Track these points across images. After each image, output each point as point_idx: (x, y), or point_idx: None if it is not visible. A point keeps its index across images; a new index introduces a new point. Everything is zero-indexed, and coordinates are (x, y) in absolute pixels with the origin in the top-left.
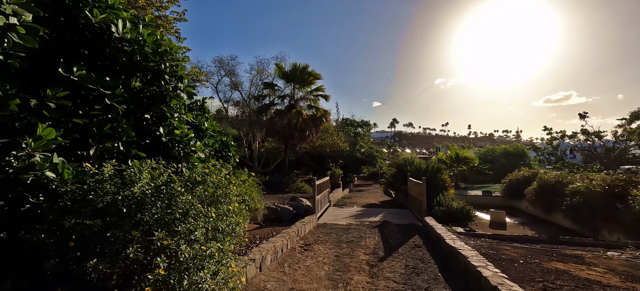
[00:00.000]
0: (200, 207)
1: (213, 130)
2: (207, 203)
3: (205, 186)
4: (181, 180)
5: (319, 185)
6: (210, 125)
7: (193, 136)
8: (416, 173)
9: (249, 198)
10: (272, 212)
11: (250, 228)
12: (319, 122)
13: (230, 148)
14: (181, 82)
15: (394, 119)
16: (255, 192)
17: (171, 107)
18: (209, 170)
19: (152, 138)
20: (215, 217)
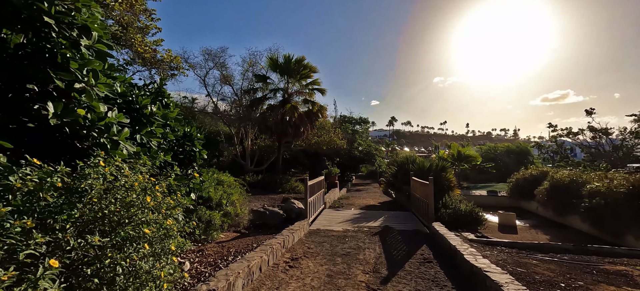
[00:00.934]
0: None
1: (171, 117)
2: (88, 228)
3: (88, 198)
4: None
5: (312, 186)
6: (169, 110)
7: (117, 120)
8: (419, 172)
9: (226, 202)
10: (258, 216)
11: (227, 239)
12: (314, 117)
13: (195, 142)
14: (86, 36)
15: (393, 117)
16: (236, 194)
17: (68, 70)
18: (118, 171)
19: (38, 120)
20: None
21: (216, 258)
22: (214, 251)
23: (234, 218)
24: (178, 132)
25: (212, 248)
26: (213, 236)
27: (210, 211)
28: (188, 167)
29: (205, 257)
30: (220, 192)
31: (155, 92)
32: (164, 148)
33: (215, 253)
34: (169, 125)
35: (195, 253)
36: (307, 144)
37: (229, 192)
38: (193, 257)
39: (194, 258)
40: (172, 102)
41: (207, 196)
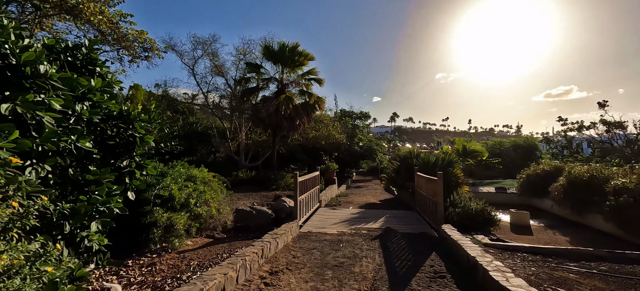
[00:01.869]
0: None
1: (95, 88)
2: None
3: None
4: None
5: (304, 183)
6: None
7: None
8: (424, 168)
9: (196, 202)
10: (243, 217)
11: (194, 246)
12: (311, 109)
13: (136, 124)
14: None
15: (394, 113)
16: (209, 192)
17: None
18: None
19: None
20: None
21: (167, 276)
22: (168, 266)
23: (208, 221)
24: (108, 110)
25: (168, 261)
26: (174, 245)
27: (172, 213)
28: (124, 157)
29: (153, 275)
30: (188, 190)
31: (84, 57)
32: (77, 130)
33: (169, 268)
34: (90, 98)
35: (142, 268)
36: (304, 139)
37: (201, 189)
38: (135, 275)
39: (136, 276)
40: (110, 75)
41: (168, 195)
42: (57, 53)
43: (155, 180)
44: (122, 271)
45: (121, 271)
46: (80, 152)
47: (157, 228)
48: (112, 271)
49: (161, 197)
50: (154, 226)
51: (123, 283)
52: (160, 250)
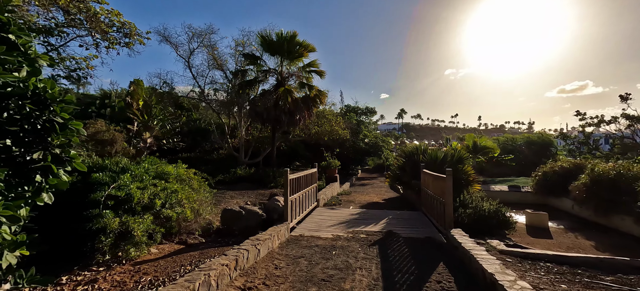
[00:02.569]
0: None
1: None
2: None
3: None
4: None
5: (297, 181)
6: None
7: None
8: (431, 164)
9: (164, 203)
10: (231, 217)
11: (157, 255)
12: (312, 103)
13: (55, 106)
14: None
15: (402, 110)
16: (185, 191)
17: None
18: None
19: None
20: None
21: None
22: (113, 283)
23: (182, 224)
24: (12, 86)
25: (115, 276)
26: (129, 254)
27: (130, 216)
28: (39, 146)
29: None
30: (154, 190)
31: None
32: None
33: (113, 286)
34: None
35: (78, 286)
36: (307, 135)
37: (172, 188)
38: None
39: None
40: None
41: (125, 195)
42: None
43: (109, 178)
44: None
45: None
46: None
47: (105, 236)
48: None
49: (115, 198)
50: (101, 233)
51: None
52: (111, 261)
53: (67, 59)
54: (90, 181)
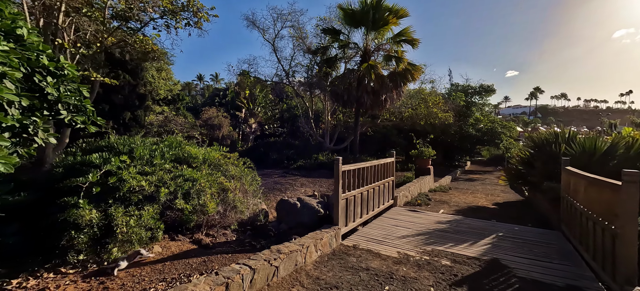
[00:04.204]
0: None
1: None
2: None
3: None
4: None
5: (355, 173)
6: None
7: None
8: (584, 160)
9: (166, 192)
10: (284, 210)
11: (153, 258)
12: (401, 79)
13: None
14: None
15: (536, 88)
16: (211, 178)
17: None
18: None
19: None
20: None
21: None
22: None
23: (203, 218)
24: None
25: (68, 288)
26: (111, 254)
27: (124, 207)
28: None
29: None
30: (162, 176)
31: None
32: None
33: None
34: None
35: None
36: (399, 118)
37: (189, 175)
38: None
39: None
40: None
41: (116, 181)
42: None
43: (100, 160)
44: None
45: None
46: None
47: (77, 231)
48: None
49: (102, 184)
50: (72, 227)
51: None
52: (88, 262)
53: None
54: (81, 162)
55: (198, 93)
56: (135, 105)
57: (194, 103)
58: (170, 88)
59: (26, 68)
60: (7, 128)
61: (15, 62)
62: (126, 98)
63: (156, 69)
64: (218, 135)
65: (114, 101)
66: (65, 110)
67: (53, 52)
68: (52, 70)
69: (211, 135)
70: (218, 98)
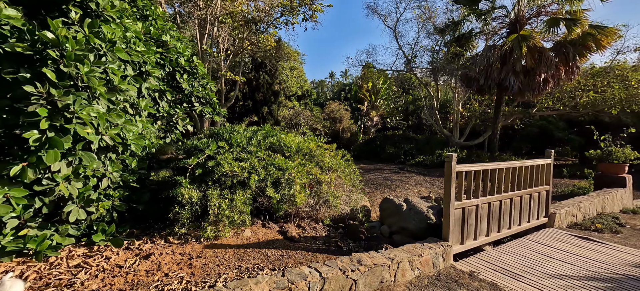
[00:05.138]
0: None
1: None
2: None
3: None
4: None
5: (474, 175)
6: None
7: None
8: None
9: (257, 179)
10: (386, 211)
11: (238, 242)
12: (575, 50)
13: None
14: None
15: None
16: (303, 169)
17: None
18: None
19: None
20: None
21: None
22: (153, 266)
23: (290, 209)
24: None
25: (163, 257)
26: (205, 232)
27: (219, 190)
28: None
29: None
30: (255, 162)
31: None
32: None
33: (145, 270)
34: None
35: (139, 256)
36: (570, 106)
37: (279, 164)
38: (89, 268)
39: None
40: None
41: (214, 165)
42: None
43: (203, 145)
44: (106, 253)
45: (106, 253)
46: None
47: (179, 207)
48: (98, 250)
49: (202, 166)
50: (176, 203)
51: (75, 273)
52: (188, 236)
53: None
54: (193, 146)
55: (329, 89)
56: (271, 101)
57: (323, 98)
58: (301, 85)
59: (169, 67)
60: (159, 117)
61: (152, 62)
62: (265, 95)
63: (289, 69)
64: (338, 127)
65: (256, 98)
66: (198, 102)
67: (201, 58)
68: (187, 69)
69: (333, 128)
70: (343, 93)
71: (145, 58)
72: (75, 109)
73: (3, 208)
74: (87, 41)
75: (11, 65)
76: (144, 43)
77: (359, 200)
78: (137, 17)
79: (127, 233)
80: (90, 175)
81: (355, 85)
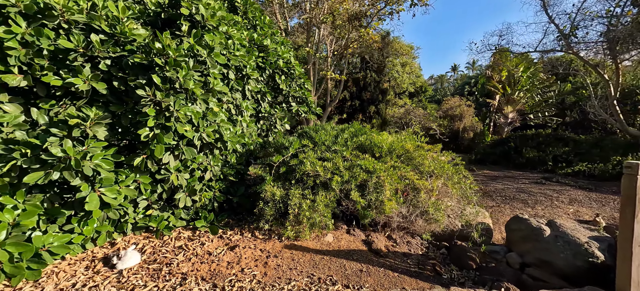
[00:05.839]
0: None
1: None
2: None
3: None
4: None
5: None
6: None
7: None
8: None
9: (341, 181)
10: (516, 234)
11: (316, 246)
12: None
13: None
14: None
15: None
16: (395, 173)
17: None
18: None
19: None
20: None
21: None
22: (232, 260)
23: (379, 218)
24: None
25: (244, 252)
26: (285, 231)
27: (300, 189)
28: None
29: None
30: (339, 163)
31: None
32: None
33: (224, 266)
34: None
35: (227, 247)
36: None
37: (365, 166)
38: (186, 252)
39: (175, 256)
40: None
41: (297, 163)
42: None
43: (288, 143)
44: (203, 239)
45: (203, 239)
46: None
47: (264, 204)
48: (198, 235)
49: (286, 164)
50: (261, 200)
51: (166, 253)
52: (271, 232)
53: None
54: (280, 144)
55: (450, 84)
56: (378, 100)
57: (442, 94)
58: (413, 81)
59: (269, 70)
60: (262, 117)
61: (252, 65)
62: (372, 94)
63: (401, 64)
64: (458, 126)
65: (363, 97)
66: (294, 102)
67: (307, 60)
68: (284, 71)
69: (450, 127)
70: (468, 87)
71: (244, 62)
72: (173, 109)
73: (131, 192)
74: (191, 48)
75: (135, 73)
76: (245, 48)
77: (475, 215)
78: (248, 27)
79: (225, 222)
80: (195, 168)
81: (482, 77)
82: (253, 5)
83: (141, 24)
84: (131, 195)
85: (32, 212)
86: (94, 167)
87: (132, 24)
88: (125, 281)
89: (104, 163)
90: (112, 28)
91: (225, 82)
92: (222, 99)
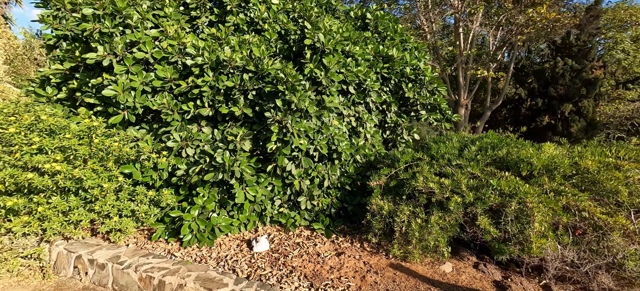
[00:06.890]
0: None
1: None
2: None
3: None
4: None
5: None
6: None
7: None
8: None
9: (459, 200)
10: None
11: (426, 273)
12: None
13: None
14: None
15: None
16: (533, 197)
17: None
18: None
19: None
20: None
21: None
22: (308, 273)
23: (531, 258)
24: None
25: (307, 266)
26: (392, 250)
27: (412, 206)
28: None
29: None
30: (460, 180)
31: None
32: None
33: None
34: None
35: (306, 253)
36: None
37: (506, 190)
38: (300, 254)
39: (290, 257)
40: None
41: (410, 176)
42: None
43: (399, 155)
44: (317, 240)
45: (317, 240)
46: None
47: (371, 216)
48: (315, 236)
49: (396, 178)
50: (369, 212)
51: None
52: (379, 245)
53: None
54: (393, 156)
55: None
56: (580, 94)
57: None
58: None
59: (395, 79)
60: (388, 127)
61: (373, 78)
62: (567, 87)
63: (631, 39)
64: None
65: (549, 94)
66: (423, 110)
67: (458, 59)
68: (411, 78)
69: None
70: None
71: (362, 76)
72: (289, 126)
73: (267, 192)
74: (311, 72)
75: (268, 99)
76: (368, 62)
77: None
78: (378, 40)
79: (340, 228)
80: (315, 176)
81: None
82: (384, 18)
83: (280, 58)
84: (267, 194)
85: (212, 199)
86: (241, 171)
87: (269, 61)
88: (253, 262)
89: (247, 169)
90: (256, 67)
91: (347, 97)
92: (344, 113)
